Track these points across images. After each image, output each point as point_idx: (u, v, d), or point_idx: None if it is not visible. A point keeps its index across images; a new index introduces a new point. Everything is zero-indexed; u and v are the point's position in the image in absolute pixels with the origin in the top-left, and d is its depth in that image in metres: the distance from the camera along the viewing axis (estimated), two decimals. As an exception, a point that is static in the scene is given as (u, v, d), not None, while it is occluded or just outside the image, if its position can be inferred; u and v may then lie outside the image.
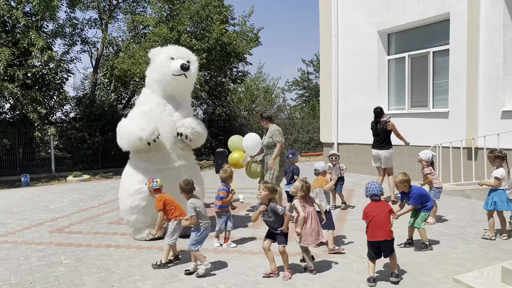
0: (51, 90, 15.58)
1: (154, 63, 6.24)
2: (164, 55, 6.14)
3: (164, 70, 6.07)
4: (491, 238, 5.68)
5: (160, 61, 6.13)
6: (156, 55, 6.26)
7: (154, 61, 6.25)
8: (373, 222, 4.39)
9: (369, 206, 4.51)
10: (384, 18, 11.43)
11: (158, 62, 6.16)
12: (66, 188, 11.66)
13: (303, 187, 4.71)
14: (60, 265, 5.24)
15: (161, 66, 6.10)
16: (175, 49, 6.35)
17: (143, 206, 5.90)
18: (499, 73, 8.95)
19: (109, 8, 19.11)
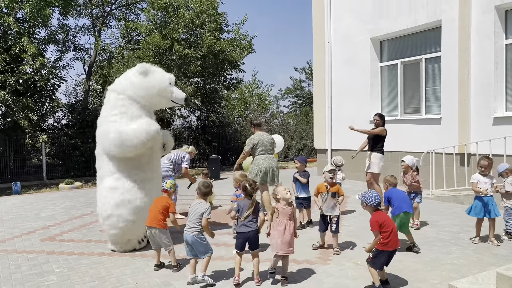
0: (43, 97, 15.49)
1: (152, 81, 5.99)
2: (167, 78, 6.13)
3: (165, 93, 6.09)
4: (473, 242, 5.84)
5: (162, 82, 6.06)
6: (154, 72, 6.07)
7: (152, 79, 5.99)
8: (394, 231, 4.29)
9: (381, 216, 4.33)
10: (376, 26, 11.53)
11: (159, 82, 6.03)
12: (58, 196, 11.54)
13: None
14: (51, 274, 5.16)
15: (162, 87, 6.05)
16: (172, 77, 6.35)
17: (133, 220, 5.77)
18: (490, 80, 9.05)
19: (102, 15, 19.10)
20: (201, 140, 19.73)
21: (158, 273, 5.04)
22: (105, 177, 5.87)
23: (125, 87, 5.95)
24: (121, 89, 5.98)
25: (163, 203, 5.19)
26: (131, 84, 5.93)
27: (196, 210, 4.63)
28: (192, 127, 20.70)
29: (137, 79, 5.92)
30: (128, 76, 6.05)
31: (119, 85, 6.04)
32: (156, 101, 6.14)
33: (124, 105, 5.87)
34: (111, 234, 5.86)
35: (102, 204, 5.80)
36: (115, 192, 5.71)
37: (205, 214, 4.59)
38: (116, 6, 19.61)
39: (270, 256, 4.91)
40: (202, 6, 16.25)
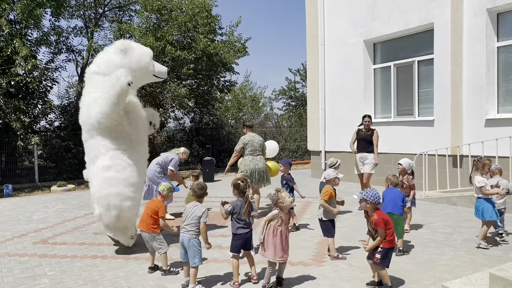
0: (35, 99, 15.37)
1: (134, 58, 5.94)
2: (147, 53, 6.12)
3: (145, 67, 6.06)
4: (486, 247, 5.68)
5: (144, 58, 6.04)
6: (134, 49, 6.03)
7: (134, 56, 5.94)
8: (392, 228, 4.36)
9: (384, 214, 4.38)
10: (369, 28, 11.59)
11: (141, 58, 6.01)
12: (50, 198, 11.45)
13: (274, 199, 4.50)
14: (44, 277, 5.12)
15: (145, 63, 6.05)
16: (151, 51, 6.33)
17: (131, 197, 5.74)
18: (482, 82, 9.12)
19: (95, 16, 19.01)
20: (195, 142, 19.69)
21: (152, 276, 5.01)
22: (98, 158, 5.81)
23: (110, 67, 5.84)
24: (105, 70, 5.85)
25: (153, 206, 5.11)
26: (114, 64, 5.85)
27: (193, 213, 4.52)
28: (185, 129, 20.66)
29: (119, 58, 5.86)
30: (109, 56, 5.95)
31: (102, 66, 5.93)
32: (140, 78, 6.15)
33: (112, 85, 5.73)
34: (110, 216, 5.58)
35: (99, 183, 5.65)
36: (111, 170, 5.65)
37: (202, 218, 4.49)
38: (109, 7, 19.55)
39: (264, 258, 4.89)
40: (195, 9, 16.23)
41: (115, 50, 5.94)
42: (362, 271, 4.93)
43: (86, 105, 5.94)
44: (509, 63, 8.95)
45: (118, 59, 5.86)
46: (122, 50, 5.88)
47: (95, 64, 6.06)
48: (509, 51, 8.93)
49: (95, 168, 5.81)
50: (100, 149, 5.82)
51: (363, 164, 8.42)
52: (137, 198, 5.96)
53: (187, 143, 19.00)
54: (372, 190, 4.42)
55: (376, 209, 4.36)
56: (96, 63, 6.06)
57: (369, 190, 4.42)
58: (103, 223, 5.85)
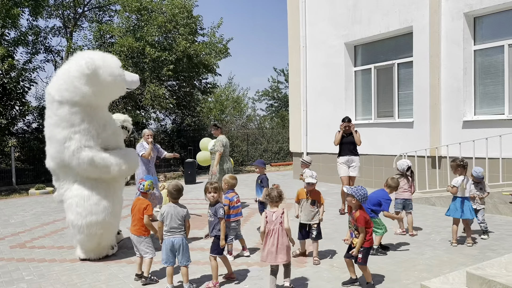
0: (12, 100, 15.02)
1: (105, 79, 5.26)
2: (116, 67, 5.44)
3: (118, 85, 5.52)
4: (452, 243, 5.88)
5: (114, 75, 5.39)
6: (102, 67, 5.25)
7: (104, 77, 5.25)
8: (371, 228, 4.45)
9: (366, 214, 4.43)
10: (350, 31, 11.72)
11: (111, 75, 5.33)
12: (28, 202, 11.21)
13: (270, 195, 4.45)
14: (22, 281, 5.01)
15: (117, 82, 5.45)
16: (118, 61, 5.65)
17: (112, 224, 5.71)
18: (459, 85, 9.32)
19: (74, 16, 18.73)
20: (177, 144, 19.55)
21: (132, 279, 4.94)
22: (74, 185, 5.52)
23: (76, 97, 5.18)
24: (71, 100, 5.20)
25: (140, 206, 4.98)
26: (82, 93, 5.18)
27: (175, 214, 4.47)
28: (167, 131, 20.49)
29: (87, 86, 5.16)
30: (74, 83, 5.17)
31: (66, 93, 5.20)
32: (113, 95, 5.81)
33: (83, 120, 5.32)
34: (93, 242, 5.51)
35: (78, 213, 5.40)
36: (91, 199, 5.42)
37: (187, 216, 4.56)
38: (89, 7, 19.28)
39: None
40: (174, 9, 16.13)
41: (80, 74, 5.15)
42: (343, 271, 4.97)
43: (55, 140, 5.36)
44: (485, 66, 9.17)
45: (85, 85, 5.14)
46: (89, 75, 5.13)
47: (57, 90, 5.28)
48: (486, 55, 9.15)
49: (73, 196, 5.46)
50: (74, 177, 5.51)
51: (348, 167, 8.24)
52: (117, 220, 5.88)
53: (168, 145, 18.84)
54: (362, 189, 4.50)
55: (360, 207, 4.44)
56: (58, 89, 5.27)
57: (359, 188, 4.49)
58: (83, 247, 5.67)
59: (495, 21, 8.98)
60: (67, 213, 5.62)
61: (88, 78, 5.16)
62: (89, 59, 5.16)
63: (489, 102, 9.12)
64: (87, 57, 5.23)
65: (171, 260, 4.49)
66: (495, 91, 9.01)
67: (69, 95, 5.22)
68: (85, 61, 5.13)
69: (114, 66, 5.42)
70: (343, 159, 8.26)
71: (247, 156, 21.28)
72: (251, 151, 21.72)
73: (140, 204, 5.00)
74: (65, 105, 5.26)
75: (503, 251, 5.47)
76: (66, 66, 5.42)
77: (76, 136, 5.30)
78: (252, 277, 4.89)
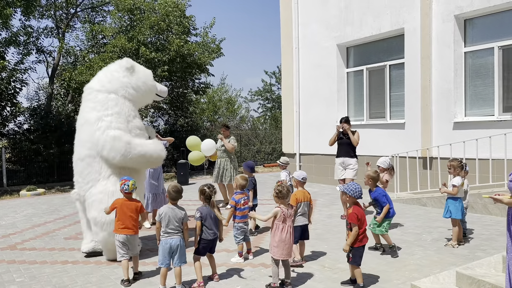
0: (3, 101, 14.91)
1: (141, 77, 6.02)
2: (149, 73, 6.27)
3: (151, 87, 6.18)
4: (453, 246, 5.87)
5: (149, 78, 6.17)
6: (139, 67, 6.13)
7: (140, 75, 6.02)
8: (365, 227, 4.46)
9: (360, 211, 4.44)
10: (343, 32, 11.79)
11: (146, 78, 6.12)
12: (19, 203, 11.13)
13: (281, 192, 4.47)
14: (12, 283, 4.98)
15: (149, 81, 6.16)
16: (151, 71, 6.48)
17: None
18: (450, 86, 9.41)
19: (66, 16, 18.62)
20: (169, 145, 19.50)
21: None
22: (99, 181, 5.57)
23: (115, 86, 5.79)
24: (111, 88, 5.77)
25: (133, 206, 5.04)
26: (121, 83, 5.81)
27: (173, 216, 4.50)
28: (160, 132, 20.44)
29: (126, 77, 5.84)
30: (114, 75, 5.86)
31: (107, 84, 5.80)
32: (144, 97, 6.21)
33: (117, 104, 5.73)
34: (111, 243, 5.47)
35: (102, 210, 5.32)
36: (115, 195, 5.36)
37: (185, 219, 4.59)
38: (82, 8, 19.18)
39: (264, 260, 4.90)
40: (167, 8, 16.10)
41: (119, 68, 5.90)
42: (334, 272, 5.01)
43: (89, 123, 5.64)
44: (475, 68, 9.26)
45: (124, 77, 5.84)
46: (128, 69, 5.88)
47: (98, 82, 5.90)
48: (476, 56, 9.25)
49: (98, 193, 5.50)
50: (101, 172, 5.60)
51: (344, 169, 8.05)
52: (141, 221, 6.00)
53: (161, 146, 18.77)
54: (354, 184, 4.52)
55: (355, 203, 4.46)
56: (99, 81, 5.90)
57: (351, 184, 4.53)
58: (105, 247, 5.66)
59: (485, 24, 9.07)
60: (90, 210, 5.58)
61: (127, 70, 5.89)
62: (128, 59, 6.09)
63: (479, 103, 9.21)
64: (126, 58, 6.15)
65: (167, 262, 4.50)
66: (485, 92, 9.10)
67: (108, 84, 5.82)
68: (126, 59, 6.02)
69: (148, 72, 6.27)
70: (339, 160, 8.11)
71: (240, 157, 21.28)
72: (244, 152, 21.73)
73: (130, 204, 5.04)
74: (103, 92, 5.78)
75: (493, 251, 5.53)
76: (106, 67, 6.18)
77: (108, 118, 5.63)
78: (244, 278, 4.90)
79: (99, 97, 5.74)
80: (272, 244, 4.47)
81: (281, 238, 4.40)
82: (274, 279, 4.47)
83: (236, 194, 5.71)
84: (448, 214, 5.94)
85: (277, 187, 4.54)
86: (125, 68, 5.88)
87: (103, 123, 5.57)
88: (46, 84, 18.28)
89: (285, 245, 4.41)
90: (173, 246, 4.47)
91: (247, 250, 5.70)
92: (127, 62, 5.93)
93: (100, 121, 5.58)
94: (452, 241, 5.93)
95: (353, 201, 4.46)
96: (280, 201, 4.50)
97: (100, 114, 5.62)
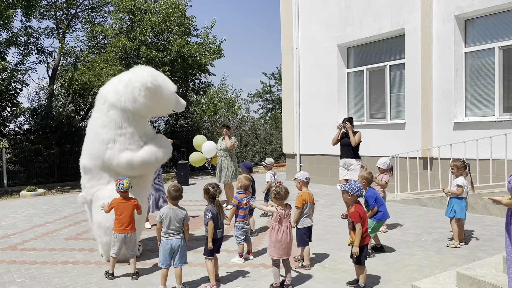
0: (3, 101, 14.93)
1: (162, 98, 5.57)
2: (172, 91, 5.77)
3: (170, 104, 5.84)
4: (456, 246, 5.86)
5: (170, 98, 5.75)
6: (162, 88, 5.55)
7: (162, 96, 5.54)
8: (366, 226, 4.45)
9: (361, 209, 4.45)
10: (343, 33, 11.79)
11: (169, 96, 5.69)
12: (19, 203, 11.13)
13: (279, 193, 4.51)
14: (13, 284, 4.98)
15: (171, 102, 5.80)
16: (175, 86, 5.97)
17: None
18: (450, 87, 9.41)
19: (67, 17, 18.64)
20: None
21: (125, 281, 4.94)
22: (108, 186, 5.53)
23: (130, 104, 5.36)
24: (126, 106, 5.37)
25: (131, 206, 5.11)
26: (138, 103, 5.36)
27: (174, 216, 4.51)
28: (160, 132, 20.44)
29: (146, 99, 5.35)
30: (133, 94, 5.33)
31: (123, 100, 5.37)
32: (160, 112, 6.23)
33: (131, 124, 5.49)
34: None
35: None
36: None
37: (186, 219, 4.60)
38: (82, 8, 19.20)
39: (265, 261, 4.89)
40: (168, 9, 16.11)
41: (141, 86, 5.31)
42: (334, 272, 5.01)
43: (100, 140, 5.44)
44: (476, 68, 9.26)
45: (144, 97, 5.33)
46: (149, 90, 5.32)
47: (114, 93, 5.45)
48: (476, 57, 9.25)
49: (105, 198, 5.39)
50: (110, 180, 5.55)
51: (347, 170, 7.98)
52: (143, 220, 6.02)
53: (162, 146, 18.77)
54: (355, 182, 4.53)
55: (356, 202, 4.46)
56: (116, 92, 5.44)
57: (351, 182, 4.54)
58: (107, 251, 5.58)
59: (485, 24, 9.07)
60: (95, 214, 5.53)
61: (149, 92, 5.34)
62: (153, 76, 5.41)
63: (480, 104, 9.21)
64: (152, 73, 5.46)
65: (167, 262, 4.50)
66: (485, 93, 9.10)
67: (124, 101, 5.39)
68: (150, 77, 5.36)
69: (171, 89, 5.72)
70: (341, 161, 8.09)
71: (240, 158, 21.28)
72: (245, 153, 21.73)
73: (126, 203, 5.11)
74: (118, 109, 5.43)
75: (493, 252, 5.53)
76: (127, 76, 5.56)
77: (121, 138, 5.46)
78: (244, 278, 4.90)
79: (113, 113, 5.44)
80: (269, 244, 4.54)
81: (277, 239, 4.44)
82: (275, 279, 4.48)
83: (239, 193, 5.69)
84: (452, 214, 5.93)
85: (275, 188, 4.58)
86: (148, 89, 5.32)
87: (116, 145, 5.41)
88: (47, 84, 18.27)
89: (281, 245, 4.44)
90: (174, 247, 4.48)
91: (248, 251, 5.69)
92: (151, 83, 5.32)
93: (111, 141, 5.41)
94: (454, 241, 5.93)
95: (354, 200, 4.46)
96: (278, 202, 4.53)
97: (112, 134, 5.43)
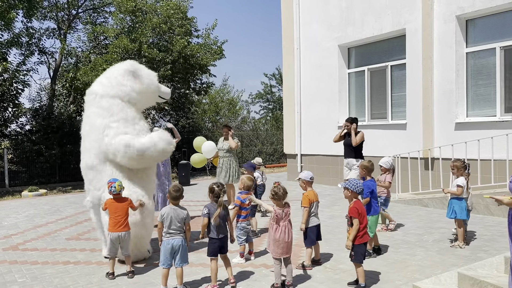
0: (5, 102, 14.95)
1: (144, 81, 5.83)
2: (154, 75, 6.08)
3: (154, 89, 6.03)
4: (461, 247, 5.85)
5: (152, 81, 5.97)
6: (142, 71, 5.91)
7: (143, 79, 5.82)
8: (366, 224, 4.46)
9: (361, 205, 4.45)
10: (344, 33, 11.78)
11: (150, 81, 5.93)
12: (21, 204, 11.15)
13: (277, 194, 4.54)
14: (14, 284, 4.99)
15: (153, 84, 5.99)
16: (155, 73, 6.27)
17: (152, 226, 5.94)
18: (452, 87, 9.39)
19: (68, 18, 18.67)
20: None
21: (126, 281, 4.95)
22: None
23: (118, 90, 5.64)
24: (114, 93, 5.63)
25: (125, 206, 5.16)
26: (124, 87, 5.65)
27: (175, 216, 4.51)
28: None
29: (129, 81, 5.68)
30: (117, 79, 5.69)
31: (110, 89, 5.66)
32: (147, 100, 6.13)
33: (123, 109, 5.61)
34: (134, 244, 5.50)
35: None
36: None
37: (187, 219, 4.61)
38: (83, 9, 19.23)
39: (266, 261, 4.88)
40: (169, 10, 16.12)
41: (123, 71, 5.73)
42: (335, 273, 5.01)
43: (95, 130, 5.54)
44: (477, 68, 9.25)
45: (127, 81, 5.67)
46: (131, 72, 5.71)
47: (101, 86, 5.73)
48: (477, 57, 9.23)
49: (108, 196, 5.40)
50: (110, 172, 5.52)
51: (349, 169, 8.05)
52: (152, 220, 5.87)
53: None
54: (355, 180, 4.59)
55: (356, 198, 4.50)
56: (102, 85, 5.73)
57: (352, 180, 4.59)
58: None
59: (487, 24, 9.06)
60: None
61: (130, 74, 5.73)
62: (131, 62, 5.94)
63: (481, 104, 9.20)
64: (129, 61, 5.98)
65: (168, 262, 4.51)
66: (487, 93, 9.09)
67: (111, 88, 5.68)
68: (128, 63, 5.88)
69: (151, 73, 6.09)
70: (344, 161, 8.21)
71: (241, 158, 21.28)
72: (246, 153, 21.73)
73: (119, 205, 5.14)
74: (107, 97, 5.65)
75: (494, 252, 5.52)
76: (108, 70, 6.02)
77: (114, 124, 5.54)
78: (246, 278, 4.90)
79: (103, 102, 5.62)
80: (269, 242, 4.59)
81: (275, 238, 4.48)
82: (276, 279, 4.49)
83: (241, 193, 5.70)
84: (453, 215, 5.92)
85: (273, 189, 4.61)
86: (128, 71, 5.72)
87: (110, 130, 5.47)
88: (48, 85, 18.29)
89: (280, 244, 4.47)
90: (175, 247, 4.48)
91: (249, 251, 5.70)
92: (130, 66, 5.78)
93: (107, 128, 5.49)
94: (458, 242, 5.92)
95: (354, 196, 4.51)
96: (276, 202, 4.58)
97: (106, 121, 5.52)
